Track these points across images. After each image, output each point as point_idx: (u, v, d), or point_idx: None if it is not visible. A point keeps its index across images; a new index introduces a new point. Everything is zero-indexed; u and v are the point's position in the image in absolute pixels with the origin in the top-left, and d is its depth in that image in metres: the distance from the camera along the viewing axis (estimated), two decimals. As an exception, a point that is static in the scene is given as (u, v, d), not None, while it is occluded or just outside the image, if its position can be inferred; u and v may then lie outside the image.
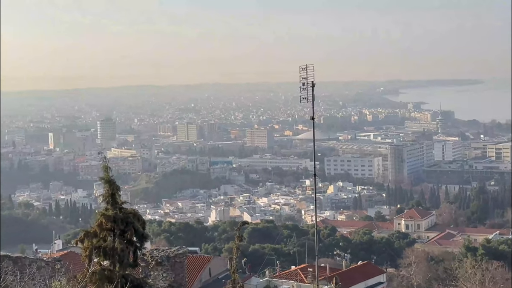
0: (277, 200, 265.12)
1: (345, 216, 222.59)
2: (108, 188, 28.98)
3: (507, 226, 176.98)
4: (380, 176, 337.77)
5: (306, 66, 37.22)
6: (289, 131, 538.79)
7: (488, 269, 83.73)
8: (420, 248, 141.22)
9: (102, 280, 28.27)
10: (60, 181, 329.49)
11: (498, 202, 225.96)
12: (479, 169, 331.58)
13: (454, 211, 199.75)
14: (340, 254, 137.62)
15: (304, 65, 37.25)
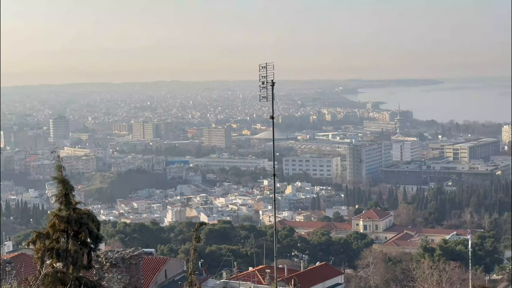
0: (235, 201, 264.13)
1: (303, 216, 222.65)
2: (62, 188, 28.46)
3: (464, 226, 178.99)
4: (338, 176, 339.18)
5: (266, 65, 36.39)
6: (247, 131, 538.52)
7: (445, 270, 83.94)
8: (378, 248, 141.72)
9: (55, 283, 27.56)
10: (11, 181, 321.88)
11: (456, 203, 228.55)
12: (437, 169, 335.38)
13: (412, 212, 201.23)
14: (298, 255, 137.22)
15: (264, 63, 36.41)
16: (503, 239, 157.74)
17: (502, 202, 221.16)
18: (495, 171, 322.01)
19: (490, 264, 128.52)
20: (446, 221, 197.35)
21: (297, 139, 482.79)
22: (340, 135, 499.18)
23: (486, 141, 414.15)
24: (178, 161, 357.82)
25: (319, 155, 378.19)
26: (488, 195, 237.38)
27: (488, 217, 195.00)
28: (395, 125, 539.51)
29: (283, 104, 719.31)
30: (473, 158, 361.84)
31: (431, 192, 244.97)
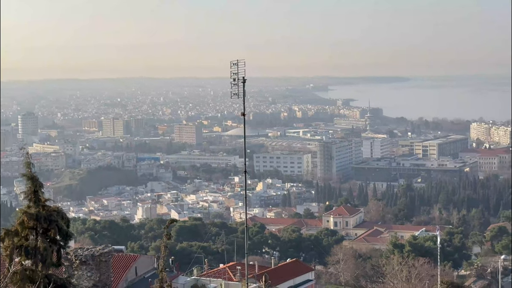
0: (206, 197, 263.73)
1: (274, 213, 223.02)
2: (30, 185, 28.26)
3: (433, 223, 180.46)
4: (309, 173, 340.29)
5: (237, 61, 36.36)
6: (218, 127, 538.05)
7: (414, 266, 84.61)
8: (348, 245, 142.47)
9: (23, 281, 27.42)
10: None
11: (425, 199, 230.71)
12: (406, 166, 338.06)
13: (382, 208, 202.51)
14: (269, 252, 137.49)
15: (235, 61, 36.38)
16: (471, 235, 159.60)
17: (470, 199, 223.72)
18: (463, 168, 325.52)
19: (459, 260, 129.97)
20: (415, 218, 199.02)
21: (268, 136, 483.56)
22: (310, 132, 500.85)
23: (454, 138, 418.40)
24: (148, 158, 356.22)
25: (290, 152, 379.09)
26: (457, 191, 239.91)
27: (457, 213, 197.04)
28: (365, 122, 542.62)
29: (254, 101, 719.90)
30: (442, 155, 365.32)
31: (401, 188, 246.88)
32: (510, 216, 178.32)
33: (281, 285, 62.26)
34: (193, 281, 57.40)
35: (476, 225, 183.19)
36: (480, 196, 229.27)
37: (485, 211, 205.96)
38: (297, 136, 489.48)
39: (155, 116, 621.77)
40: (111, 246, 42.26)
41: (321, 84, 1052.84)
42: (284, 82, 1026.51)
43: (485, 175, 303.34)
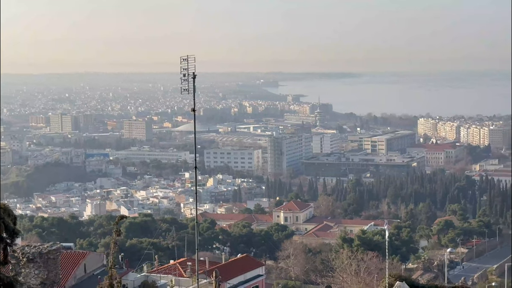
0: (156, 193, 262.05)
1: (224, 209, 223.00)
2: None
3: (382, 217, 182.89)
4: (259, 168, 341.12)
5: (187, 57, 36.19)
6: (168, 123, 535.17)
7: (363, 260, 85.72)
8: (299, 240, 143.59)
9: None
10: None
11: (373, 194, 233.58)
12: (355, 161, 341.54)
13: (332, 203, 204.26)
14: (220, 248, 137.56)
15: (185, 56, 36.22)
16: (419, 229, 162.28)
17: (417, 193, 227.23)
18: (411, 163, 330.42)
19: (406, 253, 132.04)
20: (364, 212, 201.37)
21: (219, 131, 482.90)
22: (261, 128, 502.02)
23: (402, 133, 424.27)
24: (97, 154, 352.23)
25: (240, 147, 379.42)
26: (404, 186, 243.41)
27: (404, 207, 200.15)
28: (315, 117, 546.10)
29: (205, 96, 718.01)
30: (390, 150, 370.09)
31: (350, 183, 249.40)
32: (456, 210, 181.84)
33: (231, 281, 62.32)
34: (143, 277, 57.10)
35: (423, 219, 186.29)
36: (427, 191, 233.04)
37: (432, 205, 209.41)
38: (247, 132, 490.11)
39: (104, 112, 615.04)
40: (59, 244, 41.66)
41: (271, 80, 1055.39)
42: (234, 77, 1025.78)
43: (432, 169, 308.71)
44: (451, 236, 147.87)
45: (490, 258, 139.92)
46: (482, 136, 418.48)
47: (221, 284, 53.94)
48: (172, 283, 56.59)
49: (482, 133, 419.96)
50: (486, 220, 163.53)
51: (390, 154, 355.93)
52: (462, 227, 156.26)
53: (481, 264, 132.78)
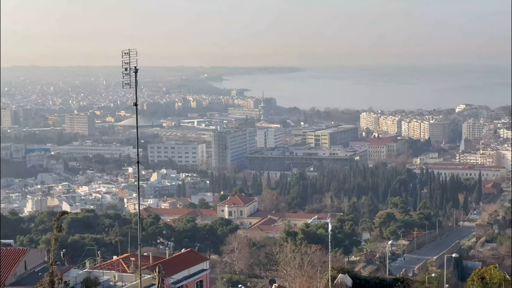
0: (99, 189, 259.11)
1: (168, 203, 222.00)
2: None
3: (325, 210, 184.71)
4: (203, 163, 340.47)
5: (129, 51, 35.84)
6: (111, 117, 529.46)
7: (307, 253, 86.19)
8: (243, 234, 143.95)
9: None
10: None
11: (317, 188, 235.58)
12: (299, 155, 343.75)
13: (276, 197, 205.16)
14: (164, 242, 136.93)
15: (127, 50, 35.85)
16: (361, 222, 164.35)
17: (360, 186, 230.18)
18: (353, 157, 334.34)
19: (349, 246, 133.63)
20: (308, 206, 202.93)
21: (163, 126, 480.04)
22: (205, 122, 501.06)
23: (345, 127, 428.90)
24: (38, 148, 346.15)
25: (184, 142, 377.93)
26: (347, 179, 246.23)
27: (347, 201, 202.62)
28: (259, 112, 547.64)
29: (148, 90, 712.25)
30: (333, 144, 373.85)
31: (294, 177, 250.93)
32: (397, 203, 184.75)
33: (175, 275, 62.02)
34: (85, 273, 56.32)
35: (365, 212, 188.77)
36: (369, 184, 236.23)
37: (374, 198, 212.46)
38: (191, 126, 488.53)
39: (45, 106, 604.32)
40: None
41: (215, 74, 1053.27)
42: (178, 72, 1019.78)
43: (374, 163, 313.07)
44: (392, 228, 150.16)
45: (430, 249, 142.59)
46: (422, 130, 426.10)
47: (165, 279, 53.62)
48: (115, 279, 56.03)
49: (423, 127, 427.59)
50: (426, 213, 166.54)
51: (333, 148, 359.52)
52: (403, 219, 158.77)
53: (422, 255, 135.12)
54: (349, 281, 46.95)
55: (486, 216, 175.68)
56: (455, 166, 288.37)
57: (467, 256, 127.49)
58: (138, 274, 50.15)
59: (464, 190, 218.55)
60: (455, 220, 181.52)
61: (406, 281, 49.12)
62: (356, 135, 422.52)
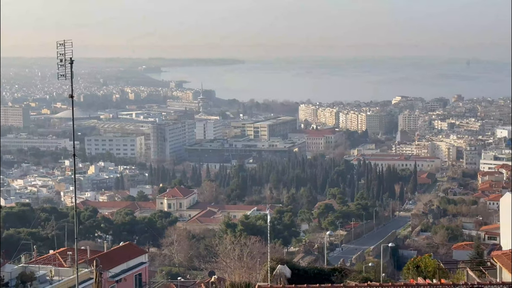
0: (34, 182, 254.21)
1: (106, 196, 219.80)
2: None
3: (264, 202, 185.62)
4: (142, 155, 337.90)
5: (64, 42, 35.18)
6: (47, 110, 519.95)
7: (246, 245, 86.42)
8: (182, 226, 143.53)
9: None
10: None
11: (256, 179, 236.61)
12: (238, 147, 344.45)
13: (215, 189, 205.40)
14: (102, 236, 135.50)
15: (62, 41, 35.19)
16: (300, 213, 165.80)
17: (299, 178, 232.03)
18: (292, 148, 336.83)
19: (288, 237, 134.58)
20: (247, 197, 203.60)
21: (100, 118, 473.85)
22: (144, 114, 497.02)
23: (284, 119, 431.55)
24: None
25: (122, 134, 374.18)
26: (286, 171, 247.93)
27: (286, 192, 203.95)
28: (198, 104, 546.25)
29: (85, 82, 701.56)
30: (272, 136, 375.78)
31: (233, 169, 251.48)
32: (335, 194, 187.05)
33: (113, 269, 61.37)
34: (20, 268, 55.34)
35: (304, 203, 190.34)
36: (308, 175, 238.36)
37: (312, 190, 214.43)
38: (130, 118, 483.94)
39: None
40: None
41: (153, 65, 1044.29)
42: (116, 63, 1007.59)
43: (312, 154, 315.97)
44: (330, 219, 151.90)
45: (367, 239, 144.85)
46: (360, 122, 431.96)
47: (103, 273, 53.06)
48: (52, 273, 55.20)
49: (360, 119, 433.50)
50: (363, 203, 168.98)
51: (272, 139, 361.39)
52: (341, 210, 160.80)
53: (359, 245, 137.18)
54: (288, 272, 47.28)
55: (421, 206, 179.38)
56: (391, 157, 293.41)
57: (403, 245, 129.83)
58: (75, 268, 49.48)
59: (400, 181, 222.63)
60: (391, 210, 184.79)
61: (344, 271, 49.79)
62: (295, 127, 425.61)
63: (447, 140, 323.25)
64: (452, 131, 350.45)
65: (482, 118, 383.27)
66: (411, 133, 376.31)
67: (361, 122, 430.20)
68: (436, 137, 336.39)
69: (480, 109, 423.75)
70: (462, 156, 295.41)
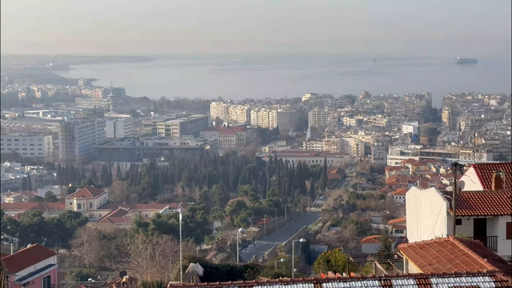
0: None
1: (13, 198, 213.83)
2: None
3: (176, 200, 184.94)
4: (50, 155, 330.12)
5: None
6: None
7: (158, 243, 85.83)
8: (93, 226, 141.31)
9: None
10: None
11: (168, 178, 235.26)
12: (149, 145, 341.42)
13: (126, 188, 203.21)
14: (8, 238, 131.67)
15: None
16: (212, 210, 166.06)
17: (211, 175, 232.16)
18: (204, 146, 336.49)
19: (201, 235, 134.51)
20: (159, 196, 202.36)
21: (5, 117, 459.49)
22: (51, 113, 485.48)
23: (196, 117, 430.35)
24: None
25: (29, 133, 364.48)
26: (198, 169, 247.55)
27: (199, 190, 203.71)
28: (108, 102, 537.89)
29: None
30: (184, 134, 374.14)
31: (145, 168, 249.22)
32: (248, 191, 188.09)
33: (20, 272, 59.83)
34: None
35: (217, 201, 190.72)
36: (220, 173, 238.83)
37: (225, 187, 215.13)
38: (36, 117, 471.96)
39: None
40: None
41: (61, 63, 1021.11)
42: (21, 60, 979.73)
43: (224, 152, 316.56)
44: (243, 216, 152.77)
45: (279, 235, 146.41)
46: (271, 119, 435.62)
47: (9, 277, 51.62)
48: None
49: (271, 116, 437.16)
50: (275, 200, 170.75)
51: (184, 137, 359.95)
52: (253, 207, 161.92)
53: (271, 241, 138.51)
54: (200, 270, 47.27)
55: (331, 201, 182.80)
56: (302, 154, 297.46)
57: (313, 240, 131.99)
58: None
59: (310, 177, 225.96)
60: (302, 206, 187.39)
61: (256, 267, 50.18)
62: (207, 124, 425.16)
63: (355, 136, 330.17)
64: (360, 127, 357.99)
65: (389, 115, 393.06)
66: (321, 130, 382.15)
67: (272, 119, 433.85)
68: (345, 134, 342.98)
69: (386, 105, 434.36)
70: (370, 152, 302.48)
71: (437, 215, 40.68)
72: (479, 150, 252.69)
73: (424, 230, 42.45)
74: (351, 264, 44.49)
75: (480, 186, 45.59)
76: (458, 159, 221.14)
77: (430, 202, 42.46)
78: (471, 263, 26.55)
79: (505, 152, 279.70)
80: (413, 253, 31.00)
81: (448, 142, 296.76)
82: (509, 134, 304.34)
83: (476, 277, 24.28)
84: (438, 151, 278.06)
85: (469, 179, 45.68)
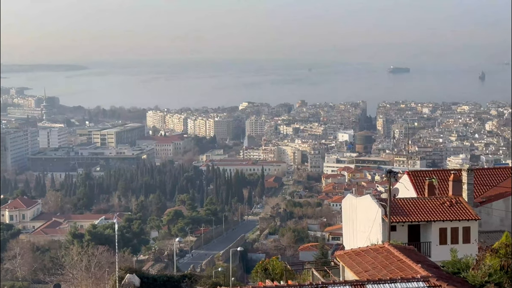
0: None
1: None
2: None
3: (113, 210, 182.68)
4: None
5: None
6: None
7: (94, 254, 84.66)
8: (26, 238, 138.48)
9: None
10: None
11: (104, 188, 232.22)
12: (85, 155, 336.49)
13: (60, 199, 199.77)
14: None
15: None
16: (149, 220, 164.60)
17: (148, 185, 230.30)
18: (141, 155, 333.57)
19: (138, 245, 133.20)
20: (95, 206, 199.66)
21: None
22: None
23: (132, 126, 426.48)
24: None
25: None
26: (135, 178, 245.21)
27: (135, 200, 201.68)
28: (41, 111, 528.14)
29: None
30: (120, 143, 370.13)
31: (80, 178, 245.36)
32: (185, 200, 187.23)
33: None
34: None
35: (154, 210, 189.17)
36: (157, 182, 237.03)
37: (162, 196, 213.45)
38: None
39: None
40: None
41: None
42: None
43: (161, 161, 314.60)
44: (180, 225, 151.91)
45: (217, 244, 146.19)
46: (208, 128, 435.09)
47: None
48: None
49: (208, 125, 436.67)
50: (213, 208, 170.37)
51: (120, 147, 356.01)
52: (191, 216, 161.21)
53: (209, 250, 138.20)
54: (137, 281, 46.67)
55: (269, 210, 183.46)
56: (239, 162, 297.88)
57: (251, 249, 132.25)
58: None
59: (248, 185, 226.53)
60: (240, 215, 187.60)
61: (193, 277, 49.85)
62: (143, 134, 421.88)
63: (292, 145, 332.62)
64: (297, 135, 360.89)
65: (325, 123, 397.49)
66: (258, 138, 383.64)
67: (209, 128, 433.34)
68: (282, 142, 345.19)
69: (322, 114, 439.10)
70: (307, 160, 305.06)
71: (372, 222, 41.27)
72: (412, 157, 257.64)
73: (360, 237, 42.98)
74: (288, 272, 44.65)
75: (414, 193, 46.50)
76: (392, 166, 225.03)
77: (365, 209, 43.05)
78: (406, 269, 26.97)
79: (438, 159, 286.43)
80: (350, 260, 31.30)
81: (382, 150, 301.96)
82: (441, 142, 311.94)
83: (410, 282, 24.66)
84: (373, 158, 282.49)
85: (403, 186, 46.54)
